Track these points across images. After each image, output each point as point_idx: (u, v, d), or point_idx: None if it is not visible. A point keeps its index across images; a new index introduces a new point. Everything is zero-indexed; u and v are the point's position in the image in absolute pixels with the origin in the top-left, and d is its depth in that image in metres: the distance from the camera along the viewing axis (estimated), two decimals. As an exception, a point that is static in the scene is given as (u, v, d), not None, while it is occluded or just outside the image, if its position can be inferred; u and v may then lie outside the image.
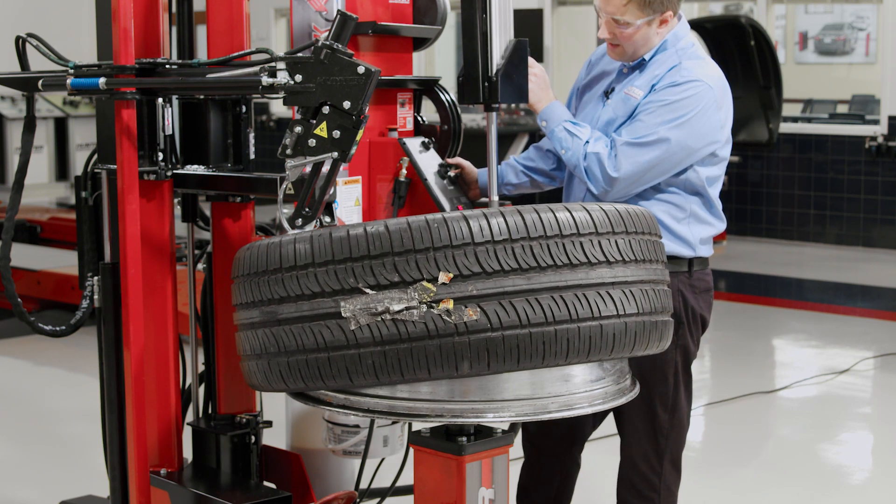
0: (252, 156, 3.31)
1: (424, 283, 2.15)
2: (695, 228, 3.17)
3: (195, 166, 3.25)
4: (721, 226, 3.26)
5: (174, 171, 3.16)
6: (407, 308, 2.16)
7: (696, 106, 3.06)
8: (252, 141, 3.31)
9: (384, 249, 2.18)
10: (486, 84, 2.91)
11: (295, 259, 2.27)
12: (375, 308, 2.18)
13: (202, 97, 3.26)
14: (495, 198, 2.99)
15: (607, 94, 3.23)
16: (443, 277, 2.15)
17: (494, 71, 2.91)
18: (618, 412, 3.21)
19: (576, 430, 3.43)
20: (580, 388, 2.41)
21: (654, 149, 3.03)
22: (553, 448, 3.45)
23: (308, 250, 2.25)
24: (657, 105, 3.06)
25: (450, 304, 2.15)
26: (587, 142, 3.09)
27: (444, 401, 2.35)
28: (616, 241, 2.30)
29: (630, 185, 3.07)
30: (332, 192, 2.68)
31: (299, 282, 2.26)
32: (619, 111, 3.15)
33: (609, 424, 3.39)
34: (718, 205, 3.23)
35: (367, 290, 2.18)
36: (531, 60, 3.08)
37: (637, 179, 3.06)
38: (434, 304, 2.15)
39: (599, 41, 3.25)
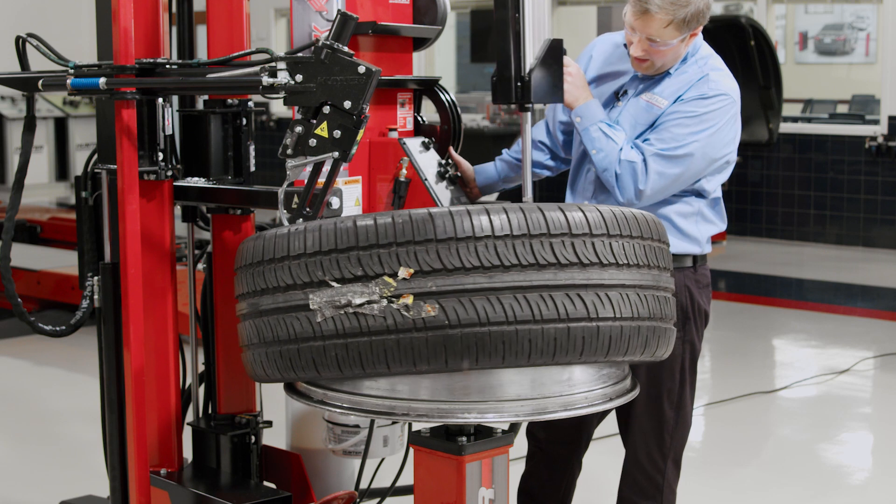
0: (252, 168, 3.32)
1: (386, 277, 2.17)
2: (702, 227, 3.20)
3: (196, 179, 3.25)
4: (723, 225, 3.28)
5: (175, 184, 3.17)
6: (368, 302, 2.18)
7: (721, 119, 3.09)
8: (252, 153, 3.31)
9: (350, 244, 2.20)
10: (519, 84, 2.90)
11: (273, 252, 2.32)
12: (339, 301, 2.21)
13: (203, 109, 3.27)
14: (528, 196, 2.97)
15: (618, 95, 3.23)
16: (403, 273, 2.16)
17: (527, 71, 2.89)
18: (623, 410, 3.21)
19: (584, 433, 3.43)
20: (581, 388, 2.41)
21: (682, 162, 3.05)
22: (563, 453, 3.45)
23: (284, 244, 2.30)
24: (686, 116, 3.06)
25: (409, 300, 2.16)
26: (622, 148, 3.07)
27: (444, 401, 2.35)
28: (592, 244, 2.26)
29: (654, 198, 3.08)
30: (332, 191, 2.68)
31: (276, 274, 2.31)
32: (640, 118, 3.14)
33: (608, 424, 3.39)
34: (722, 205, 3.26)
35: (333, 284, 2.21)
36: (567, 59, 3.06)
37: (662, 191, 3.08)
38: (394, 299, 2.17)
39: (632, 57, 3.17)
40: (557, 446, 3.44)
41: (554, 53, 2.94)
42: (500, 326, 2.17)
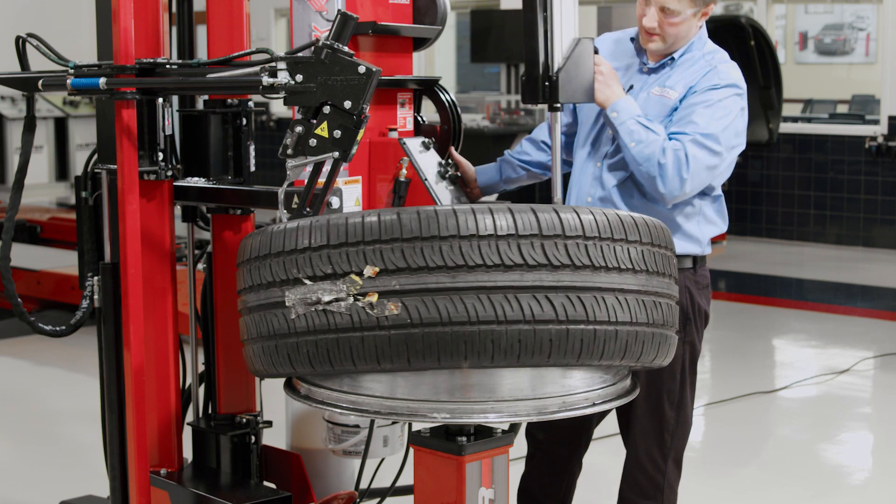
0: (252, 168, 3.32)
1: (353, 275, 2.20)
2: (704, 227, 3.19)
3: (196, 179, 3.25)
4: (724, 226, 3.28)
5: (175, 184, 3.17)
6: (336, 299, 2.21)
7: (734, 109, 3.11)
8: (252, 153, 3.31)
9: (321, 242, 2.24)
10: (547, 84, 2.89)
11: (259, 250, 2.36)
12: (310, 298, 2.24)
13: (202, 109, 3.27)
14: (558, 196, 2.96)
15: (624, 91, 3.22)
16: (369, 271, 2.19)
17: (555, 70, 2.88)
18: (624, 411, 3.21)
19: (583, 434, 3.43)
20: (581, 388, 2.41)
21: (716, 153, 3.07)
22: (563, 454, 3.45)
23: (267, 242, 2.34)
24: (704, 106, 3.06)
25: (374, 298, 2.18)
26: (665, 138, 3.05)
27: (444, 401, 2.35)
28: (564, 245, 2.23)
29: (694, 189, 3.08)
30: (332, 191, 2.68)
31: (260, 272, 2.36)
32: (651, 111, 3.14)
33: (609, 424, 3.39)
34: (724, 204, 3.26)
35: (306, 281, 2.25)
36: (598, 58, 3.05)
37: (700, 183, 3.08)
38: (360, 297, 2.19)
39: (644, 31, 3.18)
40: (557, 447, 3.44)
41: (583, 52, 2.93)
42: (462, 326, 2.17)
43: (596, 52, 3.03)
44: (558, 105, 2.93)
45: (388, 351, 2.20)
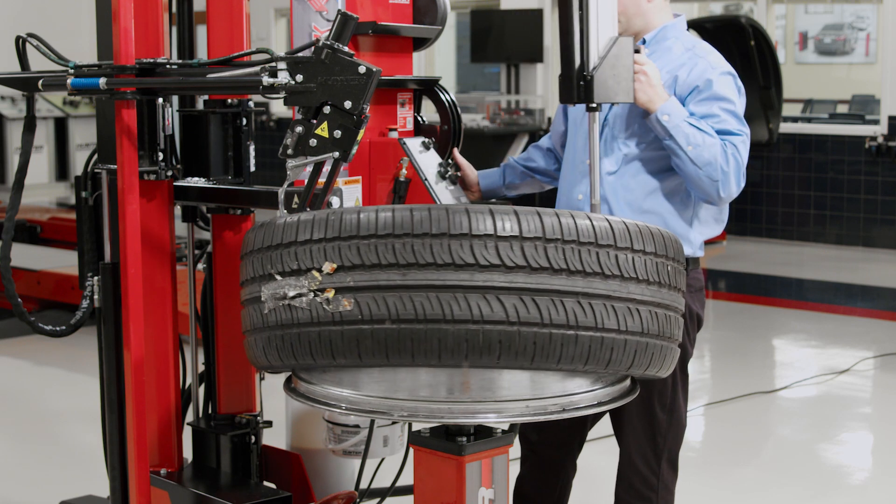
0: (252, 168, 3.32)
1: (314, 272, 2.24)
2: (697, 229, 3.18)
3: (196, 179, 3.25)
4: (720, 228, 3.27)
5: (175, 184, 3.17)
6: (298, 295, 2.26)
7: (736, 96, 3.11)
8: (252, 154, 3.31)
9: (291, 239, 2.29)
10: (582, 83, 2.82)
11: (249, 246, 2.41)
12: (279, 293, 2.30)
13: (202, 109, 3.27)
14: (596, 200, 2.88)
15: None
16: (327, 267, 2.23)
17: (590, 69, 2.83)
18: (616, 413, 3.21)
19: (577, 435, 3.43)
20: (580, 388, 2.41)
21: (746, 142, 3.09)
22: (556, 456, 3.44)
23: (252, 239, 2.39)
24: (720, 106, 3.06)
25: (331, 294, 2.22)
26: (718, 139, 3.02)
27: (444, 401, 2.36)
28: (521, 247, 2.20)
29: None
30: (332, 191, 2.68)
31: (246, 268, 2.42)
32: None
33: (604, 425, 3.39)
34: (724, 209, 3.25)
35: (277, 277, 2.30)
36: (641, 58, 2.97)
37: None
38: (319, 293, 2.24)
39: None
40: (551, 449, 3.44)
41: (621, 51, 2.85)
42: (411, 324, 2.18)
43: (638, 51, 2.95)
44: (594, 105, 2.84)
45: (342, 346, 2.23)
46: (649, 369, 2.38)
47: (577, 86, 2.82)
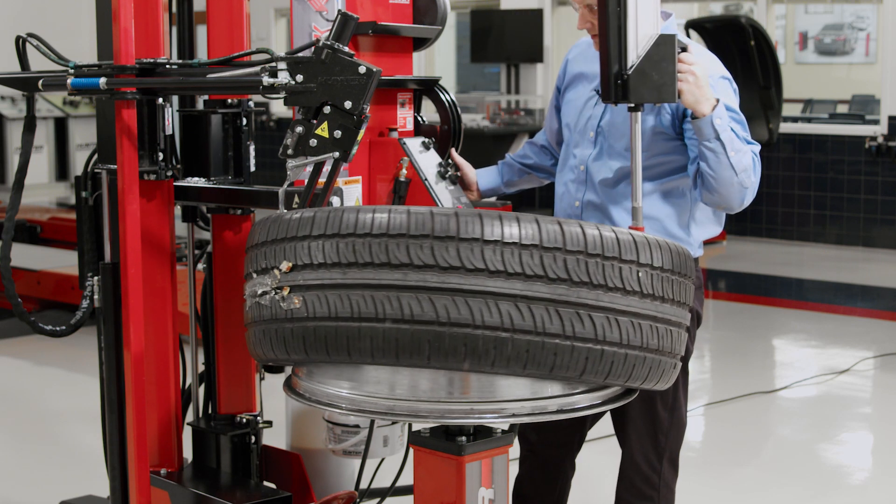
0: (252, 168, 3.32)
1: (275, 270, 2.34)
2: (695, 230, 3.18)
3: (196, 179, 3.25)
4: (718, 228, 3.27)
5: (175, 184, 3.17)
6: (264, 292, 2.36)
7: (736, 102, 3.08)
8: (252, 153, 3.31)
9: (265, 239, 2.39)
10: (619, 83, 2.74)
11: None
12: (252, 290, 2.41)
13: (202, 109, 3.27)
14: (638, 204, 2.81)
15: (598, 91, 3.20)
16: (284, 266, 2.32)
17: (628, 68, 2.73)
18: (618, 412, 3.21)
19: (577, 434, 3.43)
20: (581, 389, 2.41)
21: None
22: (556, 455, 3.44)
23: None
24: (730, 116, 3.02)
25: (286, 292, 2.32)
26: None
27: (444, 401, 2.36)
28: (481, 250, 2.20)
29: None
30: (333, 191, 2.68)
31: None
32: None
33: (603, 425, 3.39)
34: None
35: (253, 275, 2.41)
36: (688, 57, 2.86)
37: None
38: (278, 291, 2.33)
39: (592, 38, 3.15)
40: (550, 448, 3.44)
41: (663, 50, 2.74)
42: (347, 322, 2.24)
43: (685, 49, 2.85)
44: (633, 105, 2.77)
45: (293, 343, 2.32)
46: (646, 382, 2.38)
47: (614, 85, 2.74)
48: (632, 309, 2.28)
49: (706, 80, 2.90)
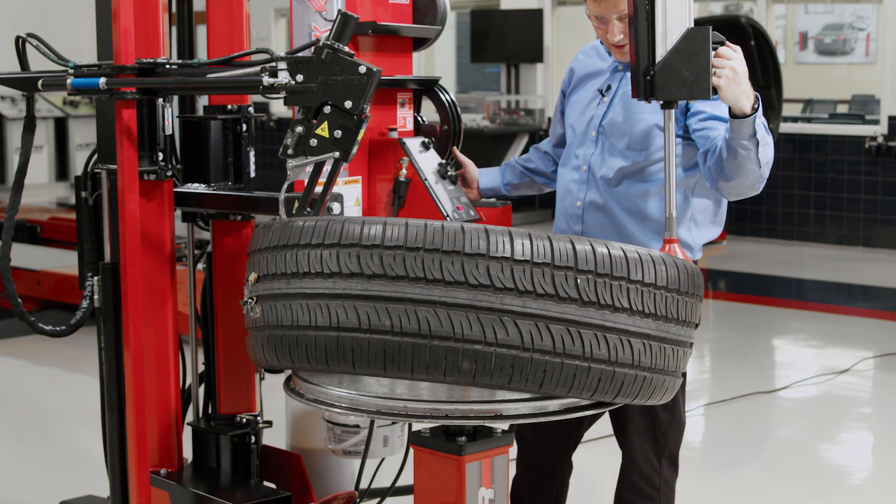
0: (252, 174, 3.32)
1: (250, 280, 2.45)
2: (694, 233, 3.18)
3: (196, 185, 3.25)
4: (718, 230, 3.27)
5: (175, 191, 3.17)
6: (245, 300, 2.46)
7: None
8: (252, 159, 3.31)
9: (253, 248, 2.47)
10: (648, 78, 2.62)
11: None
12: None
13: (202, 115, 3.27)
14: (673, 212, 2.70)
15: (602, 92, 3.21)
16: (252, 277, 2.43)
17: (657, 63, 2.61)
18: (618, 413, 3.21)
19: (573, 434, 3.43)
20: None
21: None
22: (553, 455, 3.45)
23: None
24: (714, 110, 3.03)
25: (253, 301, 2.43)
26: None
27: (444, 401, 2.36)
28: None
29: None
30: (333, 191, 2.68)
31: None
32: (632, 108, 3.10)
33: (605, 425, 3.39)
34: (719, 209, 3.23)
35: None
36: (727, 52, 2.75)
37: None
38: (250, 300, 2.45)
39: (614, 47, 3.10)
40: (548, 448, 3.44)
41: (693, 44, 2.61)
42: (295, 331, 2.31)
43: (721, 43, 2.72)
44: (660, 101, 2.65)
45: (259, 349, 2.42)
46: (651, 399, 2.39)
47: (643, 81, 2.62)
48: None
49: (745, 76, 2.79)
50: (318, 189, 2.59)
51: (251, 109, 3.31)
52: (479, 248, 2.16)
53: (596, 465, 4.24)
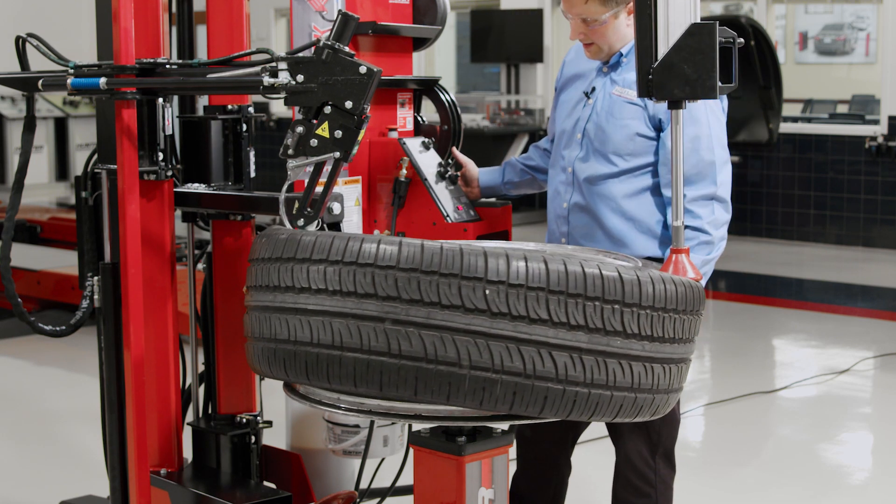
0: (252, 174, 3.32)
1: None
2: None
3: (196, 185, 3.26)
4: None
5: (175, 191, 3.17)
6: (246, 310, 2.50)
7: (720, 110, 3.11)
8: (252, 160, 3.31)
9: (252, 258, 2.50)
10: (650, 76, 2.52)
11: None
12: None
13: (202, 116, 3.27)
14: (679, 222, 2.61)
15: (587, 94, 3.22)
16: (245, 288, 2.49)
17: (658, 61, 2.52)
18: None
19: (571, 432, 3.43)
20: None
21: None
22: (550, 453, 3.45)
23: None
24: (696, 118, 3.05)
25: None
26: None
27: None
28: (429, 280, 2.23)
29: None
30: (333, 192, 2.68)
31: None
32: (616, 112, 3.11)
33: (599, 426, 3.40)
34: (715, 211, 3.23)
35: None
36: None
37: None
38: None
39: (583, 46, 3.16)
40: (546, 445, 3.44)
41: (697, 40, 2.50)
42: (277, 344, 2.34)
43: (733, 39, 2.63)
44: (663, 101, 2.56)
45: (251, 356, 2.46)
46: (657, 415, 2.40)
47: (644, 80, 2.53)
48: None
49: None
50: (319, 189, 2.59)
51: (251, 109, 3.31)
52: (478, 272, 2.18)
53: (594, 466, 4.23)
